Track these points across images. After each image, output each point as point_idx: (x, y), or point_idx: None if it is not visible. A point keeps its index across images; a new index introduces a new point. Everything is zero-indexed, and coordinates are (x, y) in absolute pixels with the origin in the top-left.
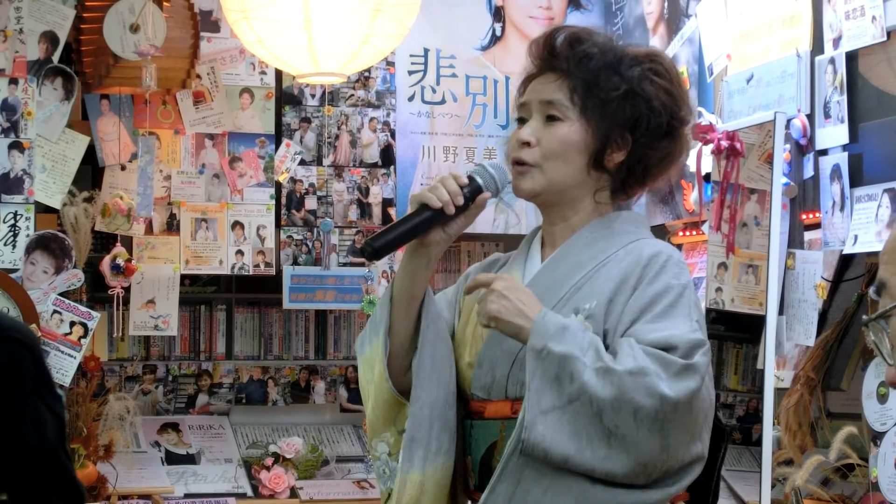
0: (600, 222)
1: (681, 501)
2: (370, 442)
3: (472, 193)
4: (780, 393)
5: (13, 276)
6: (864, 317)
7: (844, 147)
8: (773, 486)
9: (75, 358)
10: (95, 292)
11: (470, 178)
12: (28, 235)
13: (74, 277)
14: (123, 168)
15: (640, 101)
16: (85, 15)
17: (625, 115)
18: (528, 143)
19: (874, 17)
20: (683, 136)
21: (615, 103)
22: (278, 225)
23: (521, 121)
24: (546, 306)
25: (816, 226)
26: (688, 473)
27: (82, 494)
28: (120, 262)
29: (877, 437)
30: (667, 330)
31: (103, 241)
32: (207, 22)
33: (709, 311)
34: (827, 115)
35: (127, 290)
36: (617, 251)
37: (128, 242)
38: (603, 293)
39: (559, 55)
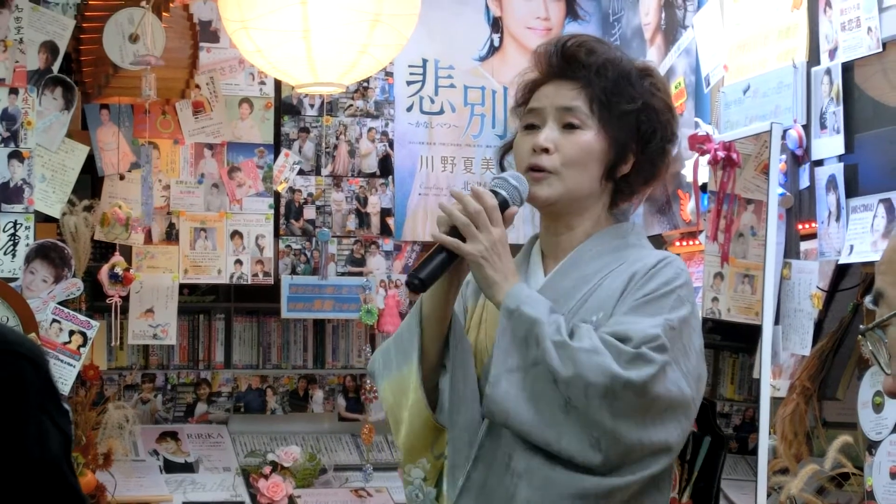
0: (606, 234)
1: None
2: (403, 466)
3: (500, 209)
4: (775, 402)
5: (12, 285)
6: (861, 326)
7: (840, 157)
8: (768, 495)
9: (74, 367)
10: (95, 301)
11: (494, 192)
12: (27, 244)
13: (74, 286)
14: (123, 177)
15: (653, 115)
16: (84, 25)
17: (640, 127)
18: (546, 150)
19: (870, 29)
20: (672, 152)
21: (632, 116)
22: (277, 234)
23: (530, 127)
24: None
25: (812, 236)
26: (650, 463)
27: None
28: (118, 271)
29: (872, 446)
30: (629, 324)
31: (102, 251)
32: (206, 32)
33: (705, 320)
34: (823, 126)
35: (126, 299)
36: (621, 264)
37: (127, 252)
38: (608, 303)
39: (577, 63)
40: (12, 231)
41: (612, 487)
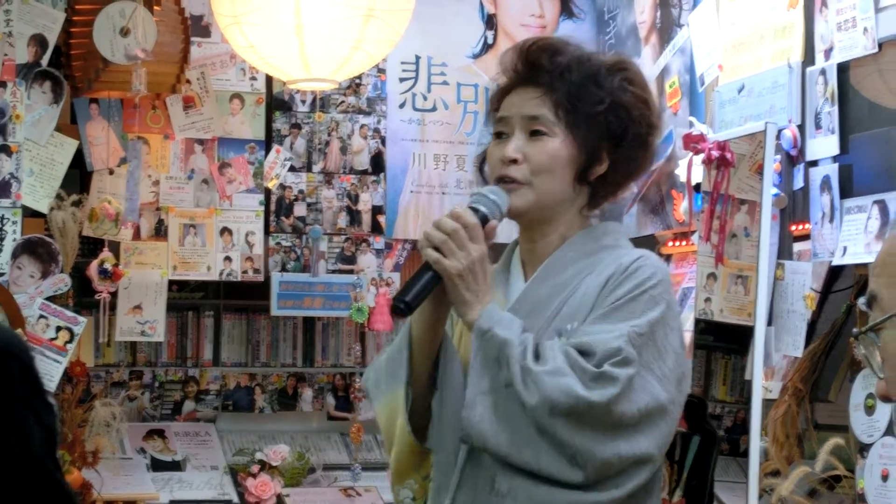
0: (582, 237)
1: None
2: (393, 487)
3: (481, 224)
4: (767, 404)
5: None
6: (855, 329)
7: (835, 158)
8: (759, 497)
9: (61, 363)
10: (82, 297)
11: (473, 209)
12: (15, 239)
13: (61, 282)
14: (112, 172)
15: (623, 113)
16: (75, 18)
17: (609, 127)
18: (514, 160)
19: (866, 29)
20: (655, 143)
21: (600, 116)
22: (267, 231)
23: (500, 135)
24: (531, 329)
25: (806, 237)
26: (633, 475)
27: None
28: (107, 266)
29: (864, 448)
30: (593, 335)
31: (90, 246)
32: (198, 27)
33: (698, 321)
34: (818, 126)
35: (114, 295)
36: (597, 267)
37: (115, 247)
38: (583, 311)
39: (539, 68)
40: (0, 226)
41: (595, 502)
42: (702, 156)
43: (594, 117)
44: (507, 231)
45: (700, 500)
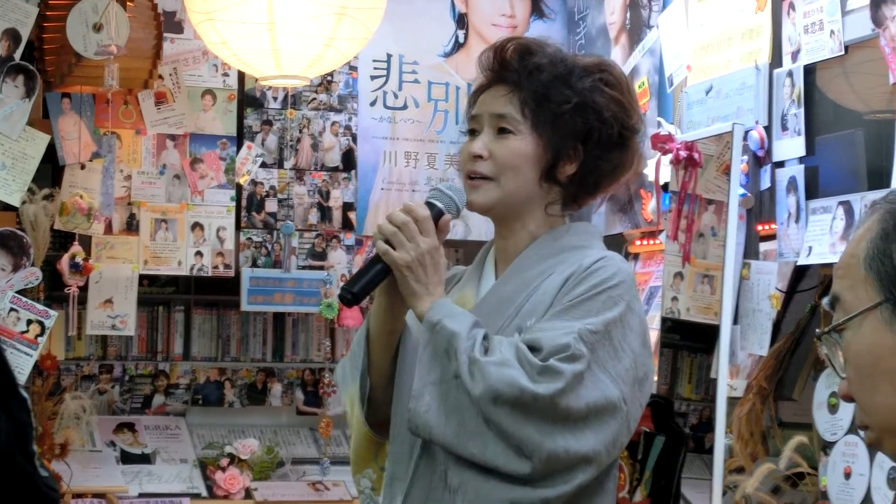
0: (549, 236)
1: None
2: (354, 476)
3: (435, 219)
4: (732, 402)
5: None
6: (818, 330)
7: (801, 159)
8: (723, 494)
9: (32, 356)
10: (53, 291)
11: (429, 204)
12: None
13: (32, 276)
14: (83, 167)
15: (591, 114)
16: (48, 13)
17: (576, 127)
18: (480, 156)
19: (832, 32)
20: (635, 144)
21: (566, 116)
22: (238, 227)
23: (473, 132)
24: (493, 325)
25: (772, 237)
26: (579, 472)
27: (50, 499)
28: (78, 260)
29: (827, 446)
30: (543, 332)
31: (62, 240)
32: (171, 23)
33: (664, 320)
34: (784, 128)
35: (84, 289)
36: (561, 266)
37: (86, 242)
38: (542, 307)
39: (510, 67)
40: None
41: (543, 498)
42: (670, 156)
43: (560, 116)
44: (487, 230)
45: (666, 500)
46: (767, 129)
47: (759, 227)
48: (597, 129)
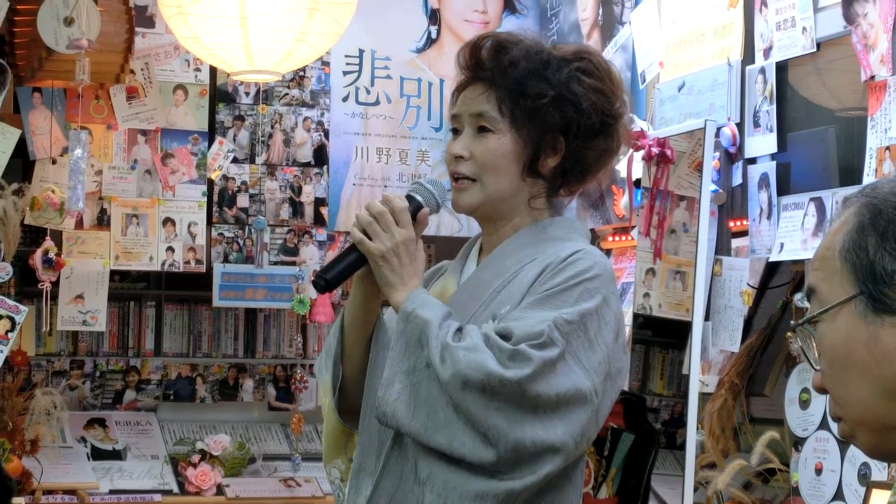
0: (531, 229)
1: None
2: (325, 466)
3: (413, 212)
4: (704, 398)
5: None
6: (792, 322)
7: (773, 156)
8: (695, 490)
9: (2, 352)
10: (24, 286)
11: (409, 197)
12: None
13: (2, 271)
14: (54, 162)
15: (569, 105)
16: (19, 7)
17: (554, 120)
18: (462, 157)
19: (804, 29)
20: (619, 129)
21: (544, 110)
22: (209, 222)
23: (455, 131)
24: (469, 310)
25: (743, 233)
26: (540, 464)
27: (8, 489)
28: (51, 255)
29: (798, 442)
30: (516, 320)
31: (32, 235)
32: (142, 17)
33: (636, 316)
34: (756, 125)
35: (56, 284)
36: (539, 256)
37: (57, 237)
38: (516, 296)
39: (484, 65)
40: None
41: (509, 490)
42: (642, 152)
43: (537, 111)
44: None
45: (634, 499)
46: (739, 125)
47: (731, 224)
48: (575, 120)
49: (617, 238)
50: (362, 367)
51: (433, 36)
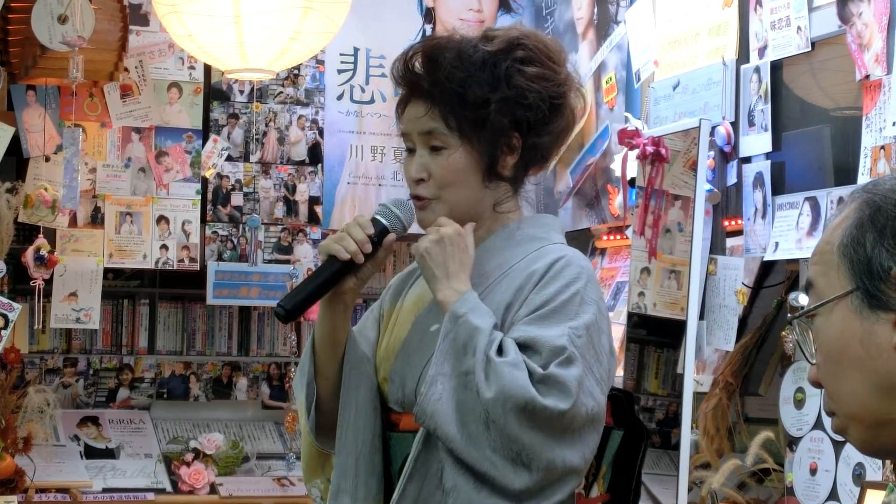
0: (504, 232)
1: (601, 502)
2: (306, 485)
3: (379, 237)
4: (699, 397)
5: None
6: (789, 315)
7: (767, 155)
8: (690, 490)
9: None
10: (17, 284)
11: (374, 220)
12: None
13: None
14: (48, 159)
15: (514, 104)
16: (13, 4)
17: (503, 122)
18: (422, 179)
19: (799, 28)
20: (570, 103)
21: (491, 116)
22: (203, 220)
23: (409, 150)
24: None
25: (738, 232)
26: (564, 485)
27: None
28: (43, 253)
29: (793, 442)
30: (535, 333)
31: (26, 233)
32: (137, 15)
33: (631, 315)
34: (751, 124)
35: (49, 282)
36: (519, 261)
37: (51, 235)
38: (497, 304)
39: (421, 80)
40: None
41: None
42: (637, 151)
43: (484, 119)
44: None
45: (626, 495)
46: (734, 124)
47: (726, 223)
48: (524, 116)
49: (612, 237)
50: (336, 385)
51: (428, 35)
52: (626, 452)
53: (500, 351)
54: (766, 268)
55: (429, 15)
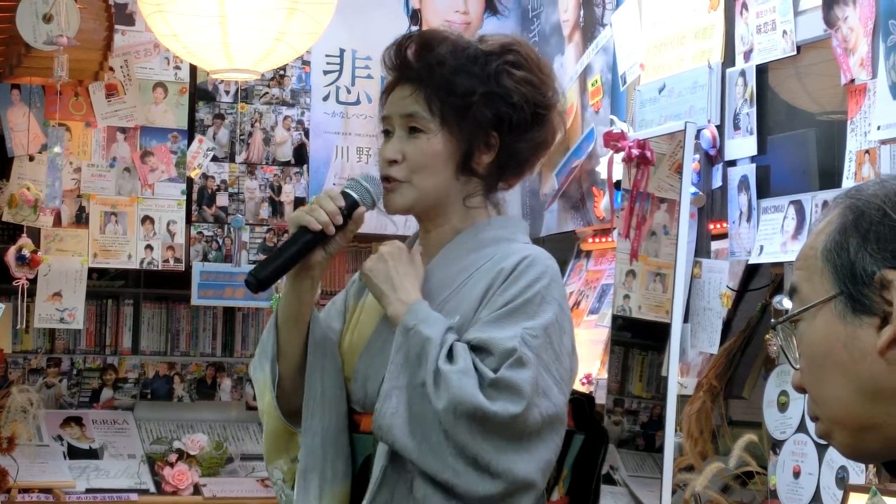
0: (470, 232)
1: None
2: (267, 467)
3: (349, 210)
4: (683, 400)
5: None
6: (773, 320)
7: (753, 158)
8: (673, 492)
9: None
10: (1, 283)
11: (345, 194)
12: None
13: None
14: (32, 159)
15: (500, 100)
16: None
17: (485, 117)
18: (395, 161)
19: (785, 32)
20: (553, 119)
21: (474, 107)
22: (189, 221)
23: (386, 133)
24: None
25: (723, 235)
26: (527, 494)
27: None
28: (26, 253)
29: (776, 445)
30: (489, 333)
31: (10, 232)
32: (122, 14)
33: (616, 317)
34: (736, 127)
35: (33, 281)
36: (485, 263)
37: (35, 234)
38: (467, 307)
39: (411, 65)
40: None
41: None
42: (622, 154)
43: (467, 109)
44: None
45: (586, 498)
46: (720, 127)
47: (711, 226)
48: (507, 115)
49: (597, 240)
50: (299, 365)
51: None
52: (587, 456)
53: (451, 357)
54: (751, 271)
55: (415, 16)
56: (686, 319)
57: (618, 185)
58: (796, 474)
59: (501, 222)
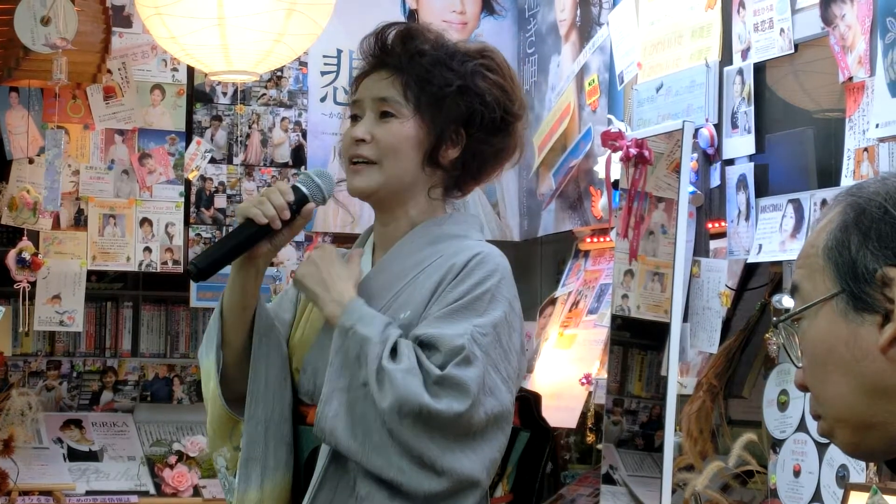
0: (428, 225)
1: (505, 502)
2: (211, 455)
3: (298, 205)
4: (682, 399)
5: None
6: (774, 319)
7: (751, 157)
8: (673, 492)
9: None
10: (1, 286)
11: (295, 188)
12: None
13: None
14: (31, 161)
15: (474, 97)
16: None
17: (458, 110)
18: (363, 140)
19: (782, 30)
20: (517, 131)
21: (449, 99)
22: (187, 223)
23: (355, 118)
24: None
25: (722, 235)
26: (472, 492)
27: None
28: (26, 255)
29: (776, 444)
30: (437, 330)
31: (9, 235)
32: (120, 17)
33: (614, 317)
34: (734, 126)
35: (33, 284)
36: (438, 258)
37: (34, 237)
38: (418, 302)
39: (391, 52)
40: None
41: None
42: (620, 153)
43: (443, 99)
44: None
45: (529, 496)
46: (717, 126)
47: (709, 225)
48: (479, 112)
49: (595, 239)
50: (243, 353)
51: None
52: (531, 453)
53: (395, 355)
54: (750, 270)
55: (412, 16)
56: (685, 319)
57: (615, 184)
58: (796, 473)
59: (458, 218)
